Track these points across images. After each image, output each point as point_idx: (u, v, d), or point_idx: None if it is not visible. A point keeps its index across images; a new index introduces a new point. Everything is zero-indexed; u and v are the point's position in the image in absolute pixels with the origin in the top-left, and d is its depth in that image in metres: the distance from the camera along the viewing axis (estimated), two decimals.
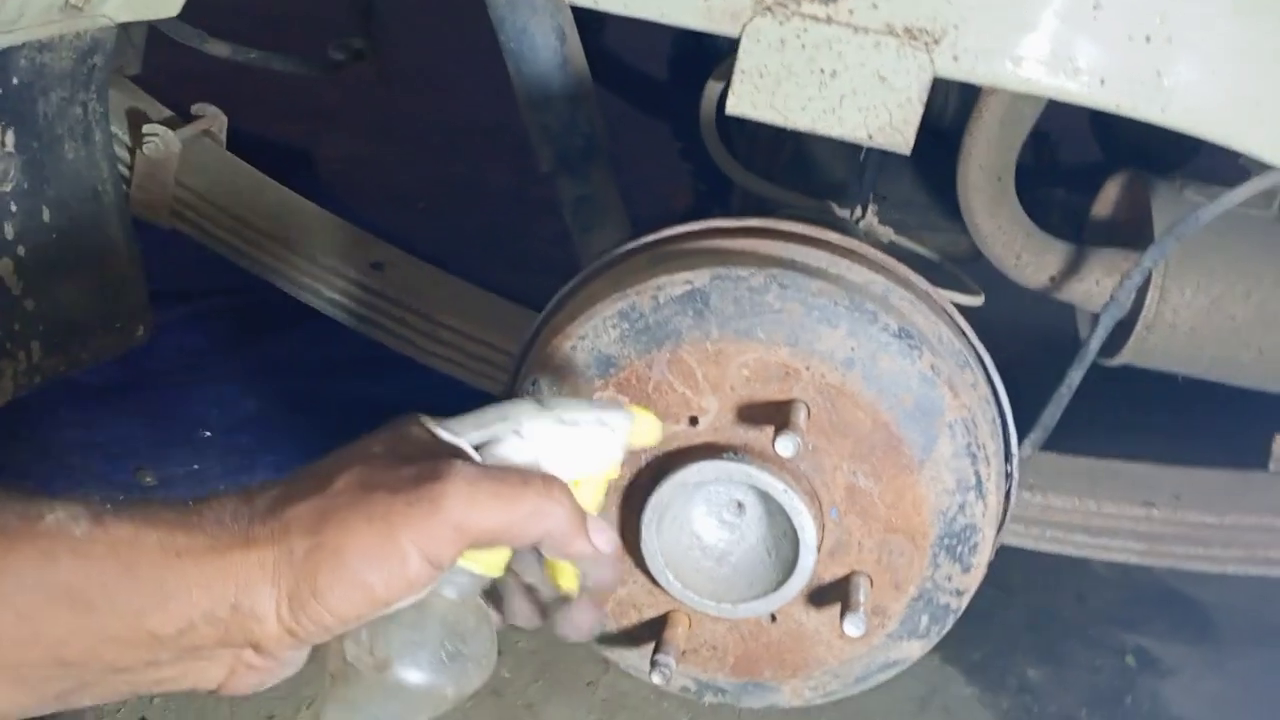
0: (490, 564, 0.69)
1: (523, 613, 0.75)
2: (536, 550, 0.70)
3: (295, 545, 0.62)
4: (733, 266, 0.95)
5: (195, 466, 1.94)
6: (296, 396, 2.10)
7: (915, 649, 1.03)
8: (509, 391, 1.08)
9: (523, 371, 1.05)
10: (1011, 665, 1.74)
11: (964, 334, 1.05)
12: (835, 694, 1.07)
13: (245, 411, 2.07)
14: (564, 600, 0.73)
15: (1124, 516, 1.31)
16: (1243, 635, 1.84)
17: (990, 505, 0.98)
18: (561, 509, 0.66)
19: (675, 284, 0.96)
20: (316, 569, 0.61)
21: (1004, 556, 1.33)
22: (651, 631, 1.05)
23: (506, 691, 1.57)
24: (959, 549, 0.98)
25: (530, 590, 0.75)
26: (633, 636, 1.07)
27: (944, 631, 1.03)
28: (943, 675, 1.69)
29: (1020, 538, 1.33)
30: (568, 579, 0.73)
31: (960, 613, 1.02)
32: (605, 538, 0.70)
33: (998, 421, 1.04)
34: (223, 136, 1.56)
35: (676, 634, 1.02)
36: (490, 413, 0.70)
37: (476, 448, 0.68)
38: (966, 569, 0.99)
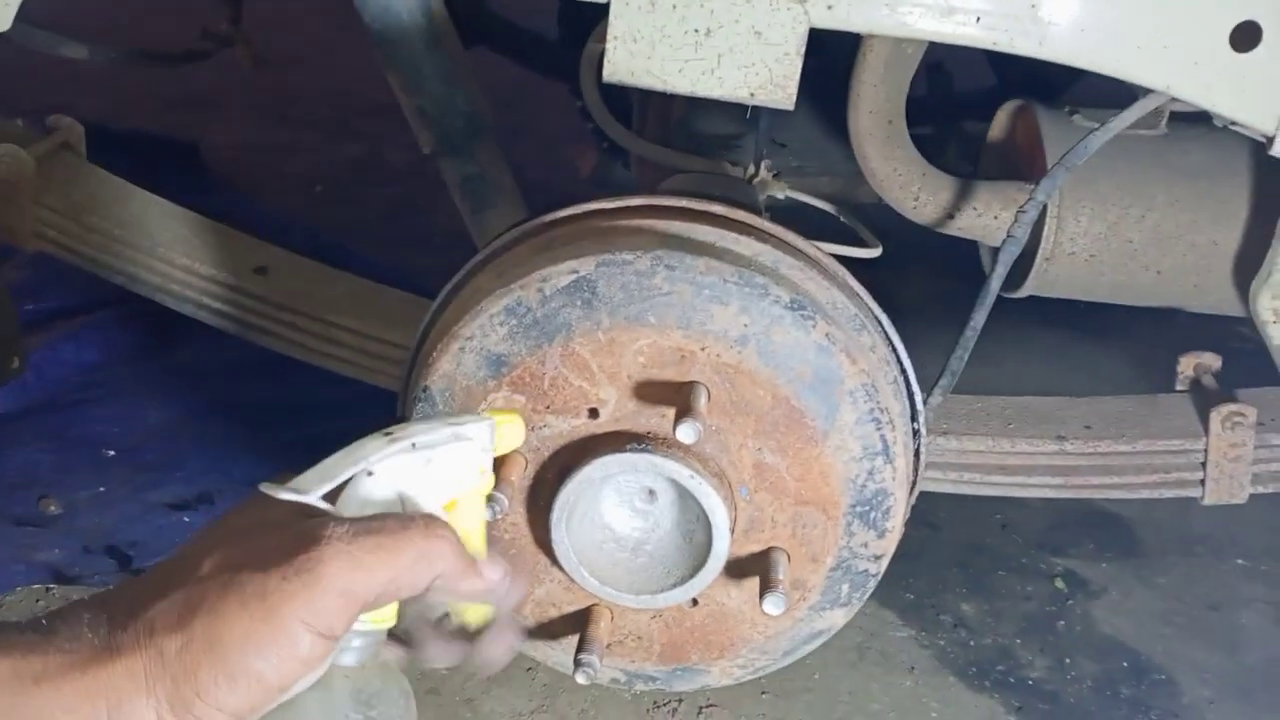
0: (383, 617, 0.65)
1: (438, 653, 0.71)
2: None
3: (165, 645, 0.57)
4: (618, 251, 0.92)
5: (101, 489, 1.87)
6: (201, 406, 2.03)
7: (839, 617, 1.03)
8: (403, 397, 1.04)
9: (413, 379, 1.01)
10: (944, 603, 1.75)
11: (859, 296, 1.03)
12: (765, 669, 1.06)
13: (149, 426, 2.00)
14: (474, 634, 0.70)
15: (1038, 453, 1.32)
16: (1167, 548, 1.88)
17: (899, 468, 0.97)
18: (447, 546, 0.63)
19: (560, 274, 0.92)
20: (195, 666, 0.57)
21: (925, 495, 1.33)
22: (574, 627, 1.03)
23: (444, 689, 1.54)
24: (872, 515, 0.97)
25: (438, 626, 0.71)
26: (556, 634, 1.05)
27: (866, 597, 1.02)
28: (878, 620, 1.70)
29: (939, 483, 1.34)
30: (474, 612, 0.70)
31: (880, 576, 1.02)
32: (494, 567, 0.67)
33: (900, 381, 1.03)
34: (81, 147, 1.47)
35: (599, 629, 1.00)
36: (335, 459, 0.65)
37: (331, 498, 0.64)
38: (881, 534, 0.98)
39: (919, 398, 1.04)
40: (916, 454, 1.05)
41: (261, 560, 0.59)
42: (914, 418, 1.04)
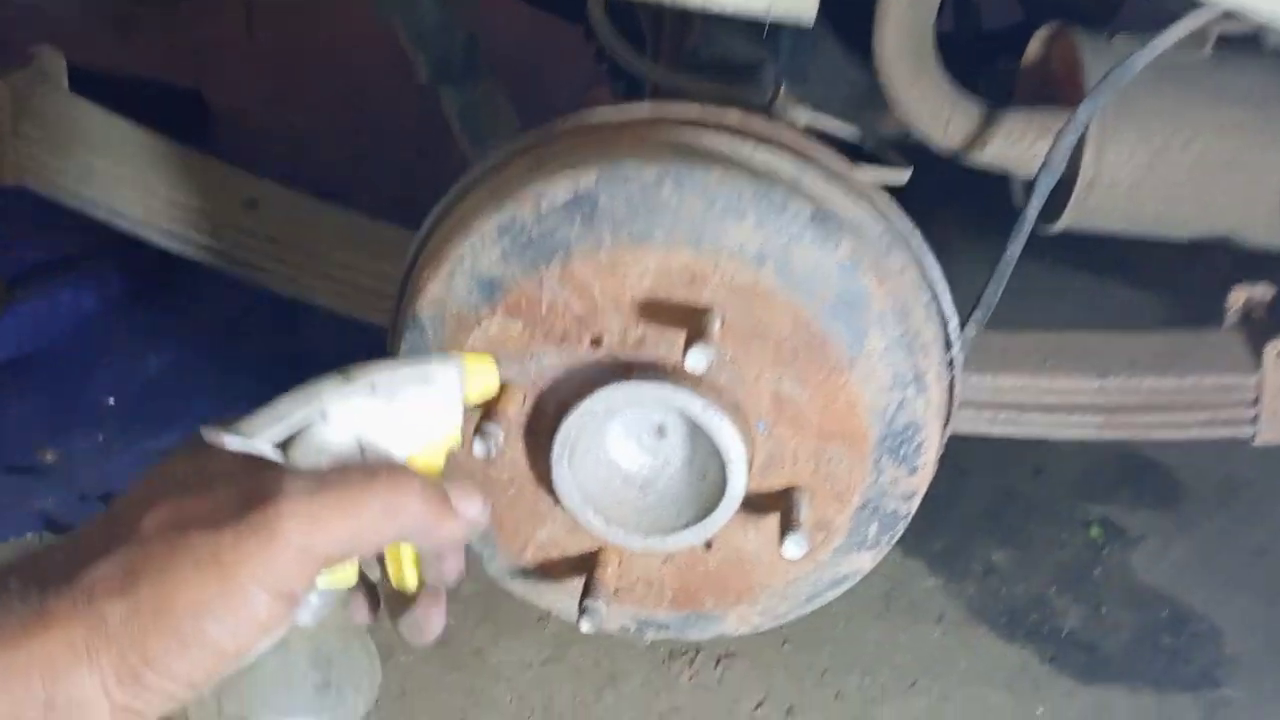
0: (344, 576, 0.59)
1: (358, 611, 0.64)
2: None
3: (107, 611, 0.51)
4: (621, 163, 0.84)
5: (99, 438, 1.81)
6: (204, 356, 1.97)
7: (866, 560, 0.95)
8: (393, 328, 0.97)
9: (403, 306, 0.93)
10: (974, 551, 1.68)
11: (887, 215, 0.95)
12: (785, 616, 0.99)
13: (149, 375, 1.94)
14: (406, 599, 0.63)
15: (1078, 390, 1.23)
16: (1208, 495, 1.79)
17: (933, 399, 0.89)
18: (415, 497, 0.56)
19: (558, 189, 0.84)
20: (143, 633, 0.51)
21: (956, 440, 1.25)
22: (580, 572, 0.96)
23: (453, 639, 1.49)
24: (903, 450, 0.89)
25: (369, 585, 0.65)
26: (559, 579, 0.98)
27: (895, 538, 0.94)
28: (904, 570, 1.63)
29: (973, 423, 1.25)
30: (407, 575, 0.62)
31: (910, 517, 0.94)
32: (473, 504, 0.59)
33: (933, 306, 0.94)
34: (62, 78, 1.40)
35: (606, 574, 0.93)
36: (285, 401, 0.58)
37: (284, 446, 0.57)
38: (913, 470, 0.90)
39: (954, 326, 0.96)
40: (950, 387, 0.97)
41: (211, 517, 0.53)
42: (948, 346, 0.96)
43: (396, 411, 0.59)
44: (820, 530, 0.92)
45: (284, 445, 0.57)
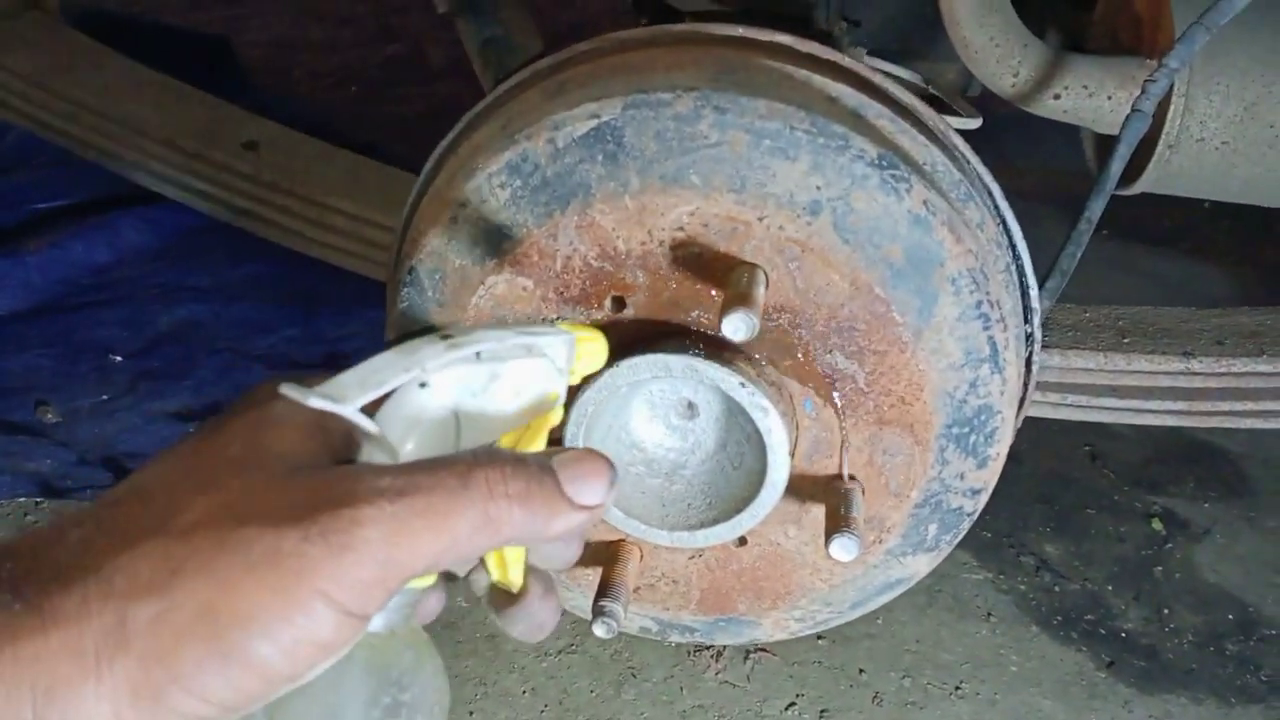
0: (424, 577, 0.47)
1: (428, 606, 0.52)
2: None
3: (131, 611, 0.40)
4: (652, 90, 0.69)
5: (104, 397, 1.70)
6: (215, 313, 1.85)
7: (922, 564, 0.82)
8: (391, 283, 0.84)
9: (400, 258, 0.80)
10: (1026, 543, 1.54)
11: (963, 160, 0.80)
12: (827, 623, 0.86)
13: (158, 331, 1.83)
14: (511, 595, 0.52)
15: (1159, 372, 1.08)
16: (1278, 487, 1.63)
17: (1009, 379, 0.74)
18: (519, 505, 0.45)
19: (577, 120, 0.70)
20: (175, 643, 0.40)
21: None
22: (595, 565, 0.82)
23: (462, 624, 1.37)
24: (972, 439, 0.75)
25: (467, 584, 0.53)
26: (575, 573, 0.85)
27: (956, 540, 0.81)
28: (950, 561, 1.46)
29: (1038, 405, 1.11)
30: (512, 569, 0.51)
31: (976, 516, 0.80)
32: (593, 489, 0.47)
33: (1013, 269, 0.80)
34: (52, 4, 1.27)
35: (625, 571, 0.80)
36: (381, 361, 0.47)
37: (370, 413, 0.46)
38: (983, 462, 0.76)
39: (1034, 292, 0.81)
40: (1028, 363, 0.82)
41: (273, 511, 0.42)
42: (1027, 317, 0.82)
43: (500, 385, 0.50)
44: (872, 529, 0.78)
45: (369, 410, 0.46)
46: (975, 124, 1.04)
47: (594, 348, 0.56)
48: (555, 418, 0.52)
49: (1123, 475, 1.66)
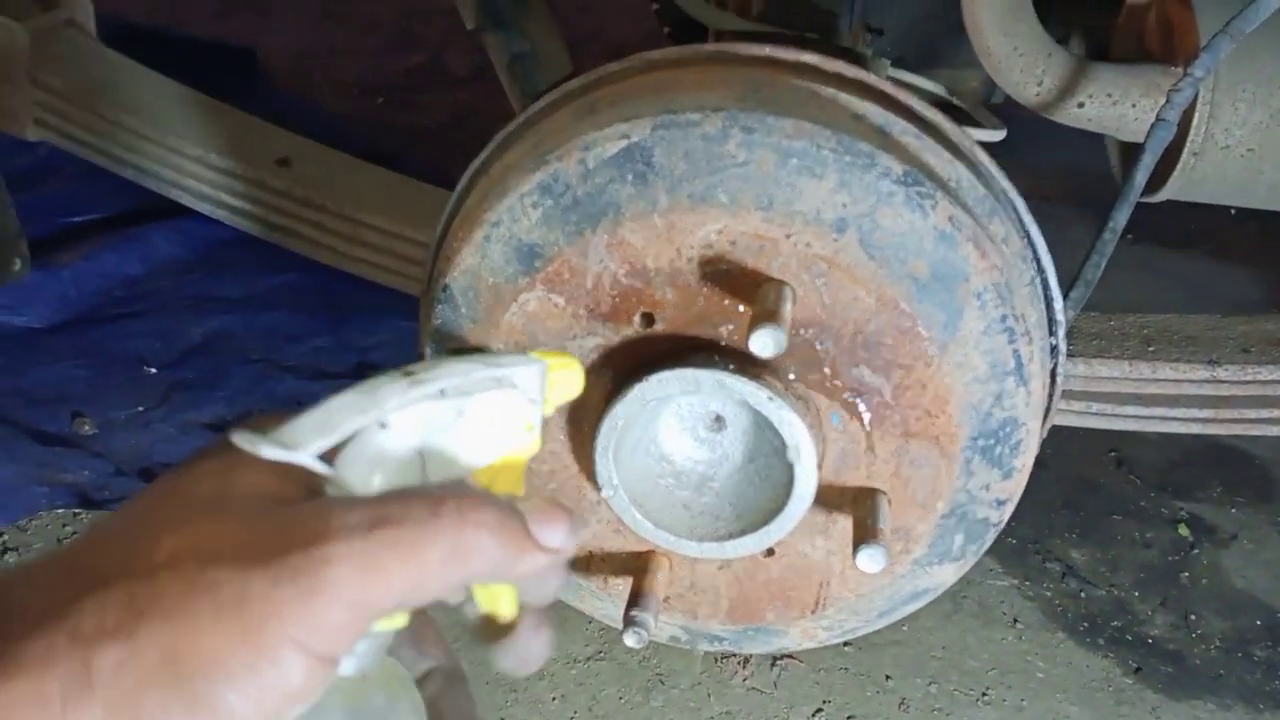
0: (395, 617, 0.47)
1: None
2: None
3: (97, 657, 0.40)
4: (681, 110, 0.71)
5: (139, 409, 1.73)
6: (248, 325, 1.88)
7: (949, 574, 0.83)
8: (425, 301, 0.86)
9: (434, 276, 0.82)
10: (1051, 549, 1.54)
11: (988, 175, 0.81)
12: (855, 632, 0.87)
13: (191, 343, 1.86)
14: (501, 627, 0.51)
15: (1185, 380, 1.08)
16: None
17: (1034, 392, 0.75)
18: (489, 534, 0.44)
19: (607, 141, 0.71)
20: (140, 689, 0.39)
21: None
22: (625, 575, 0.84)
23: None
24: (997, 450, 0.76)
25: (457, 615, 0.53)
26: (604, 583, 0.86)
27: (982, 551, 0.82)
28: (976, 567, 1.46)
29: (1063, 414, 1.11)
30: (503, 601, 0.50)
31: (1002, 526, 0.81)
32: (556, 532, 0.46)
33: (1037, 282, 0.81)
34: (90, 25, 1.29)
35: (655, 581, 0.81)
36: (338, 404, 0.46)
37: (328, 459, 0.46)
38: (1008, 474, 0.77)
39: (1059, 305, 0.82)
40: (1053, 375, 0.83)
41: (241, 551, 0.41)
42: (1051, 330, 0.82)
43: (468, 420, 0.48)
44: (899, 539, 0.79)
45: (329, 456, 0.45)
46: (999, 135, 1.05)
47: (568, 375, 0.54)
48: (531, 449, 0.51)
49: (1149, 481, 1.66)
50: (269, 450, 0.43)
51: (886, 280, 0.71)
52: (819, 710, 1.30)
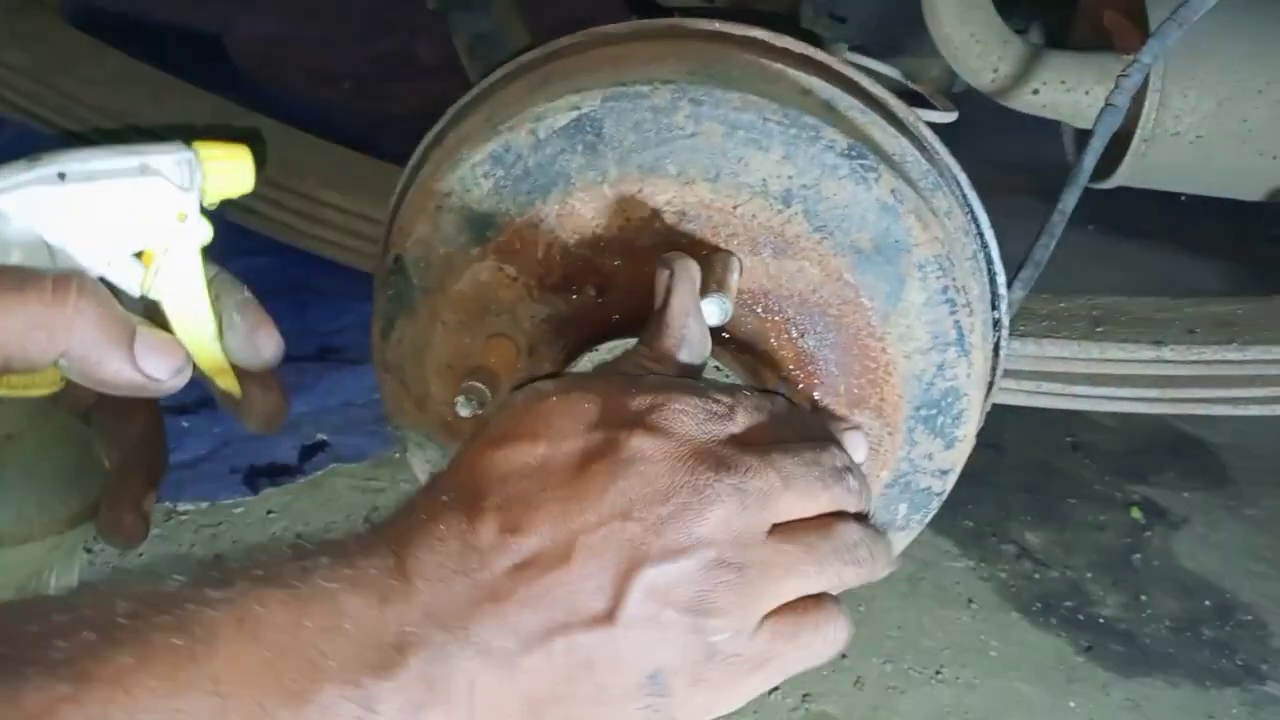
0: (32, 382, 0.50)
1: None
2: None
3: None
4: (630, 83, 0.72)
5: None
6: None
7: (894, 543, 0.84)
8: (377, 274, 0.87)
9: (388, 245, 0.83)
10: (1007, 531, 1.57)
11: (932, 150, 0.83)
12: None
13: None
14: (235, 397, 0.57)
15: (1132, 360, 1.11)
16: (1258, 476, 1.67)
17: (976, 363, 0.77)
18: (79, 318, 0.47)
19: (558, 111, 0.73)
20: None
21: (990, 411, 1.14)
22: None
23: None
24: (940, 420, 0.78)
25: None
26: None
27: (927, 520, 0.84)
28: (933, 549, 1.52)
29: (1013, 394, 1.14)
30: (219, 378, 0.55)
31: (945, 496, 0.83)
32: (162, 362, 0.50)
33: (980, 256, 0.83)
34: (54, 2, 1.30)
35: None
36: None
37: None
38: (950, 443, 0.79)
39: (1002, 280, 0.84)
40: (996, 348, 0.85)
41: None
42: (994, 304, 0.85)
43: (100, 207, 0.49)
44: None
45: None
46: (950, 118, 1.07)
47: (231, 165, 0.54)
48: (194, 238, 0.53)
49: (1105, 465, 1.69)
50: None
51: (831, 251, 0.72)
52: (776, 688, 1.31)
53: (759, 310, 0.75)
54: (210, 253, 0.57)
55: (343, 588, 0.45)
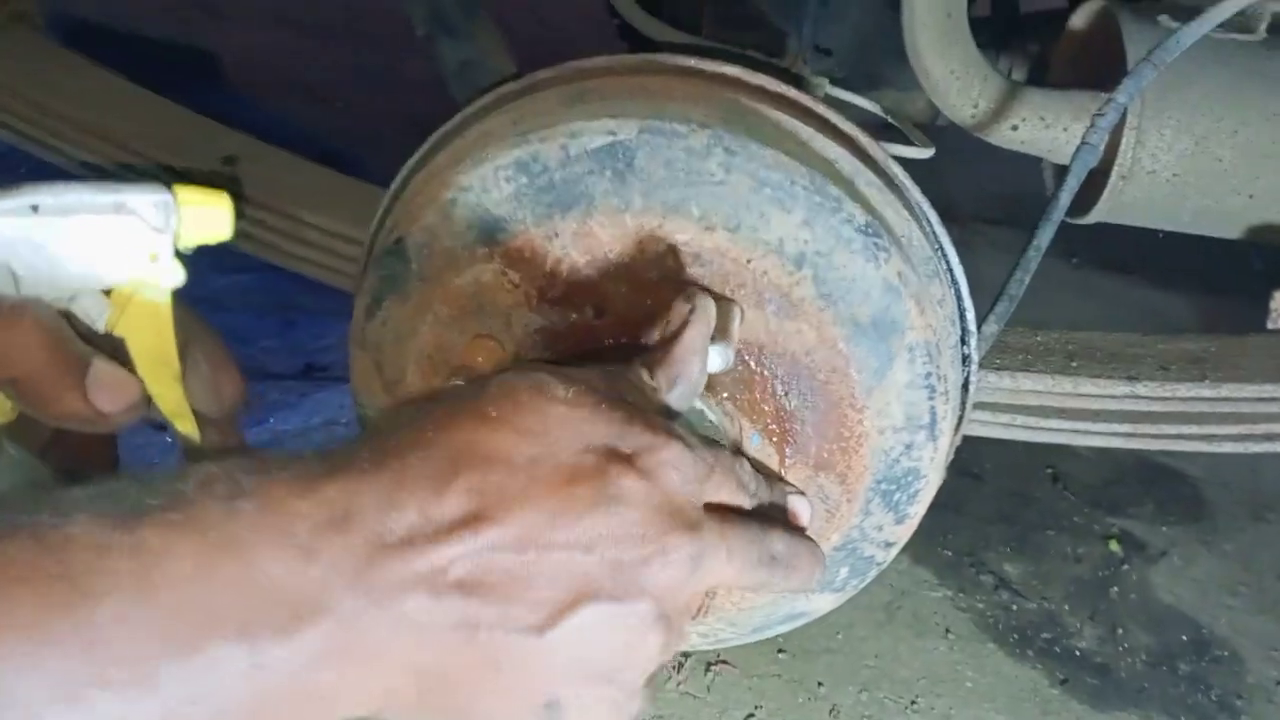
0: None
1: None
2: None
3: None
4: (669, 119, 0.75)
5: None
6: None
7: (826, 603, 0.88)
8: (369, 251, 0.88)
9: (386, 224, 0.84)
10: (985, 562, 1.59)
11: (933, 235, 0.86)
12: (726, 642, 0.91)
13: None
14: (197, 445, 0.57)
15: (1105, 395, 1.14)
16: (1235, 511, 1.70)
17: (940, 449, 0.81)
18: (27, 345, 0.48)
19: (594, 132, 0.75)
20: None
21: (969, 440, 1.16)
22: None
23: None
24: (896, 496, 0.81)
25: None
26: None
27: (861, 586, 0.86)
28: (911, 578, 1.54)
29: (988, 426, 1.16)
30: (180, 423, 0.55)
31: (885, 567, 0.85)
32: (115, 398, 0.51)
33: (958, 349, 0.86)
34: (38, 19, 1.31)
35: None
36: None
37: None
38: (901, 519, 0.82)
39: (970, 315, 0.87)
40: (964, 386, 0.88)
41: None
42: (964, 340, 0.87)
43: (71, 240, 0.50)
44: None
45: None
46: (926, 154, 1.10)
47: (207, 213, 0.55)
48: (165, 279, 0.53)
49: (1083, 497, 1.72)
50: None
51: (831, 320, 0.75)
52: (750, 715, 1.34)
53: (751, 362, 0.77)
54: (192, 276, 0.58)
55: (265, 540, 0.43)
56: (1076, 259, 2.26)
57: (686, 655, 1.37)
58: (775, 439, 0.80)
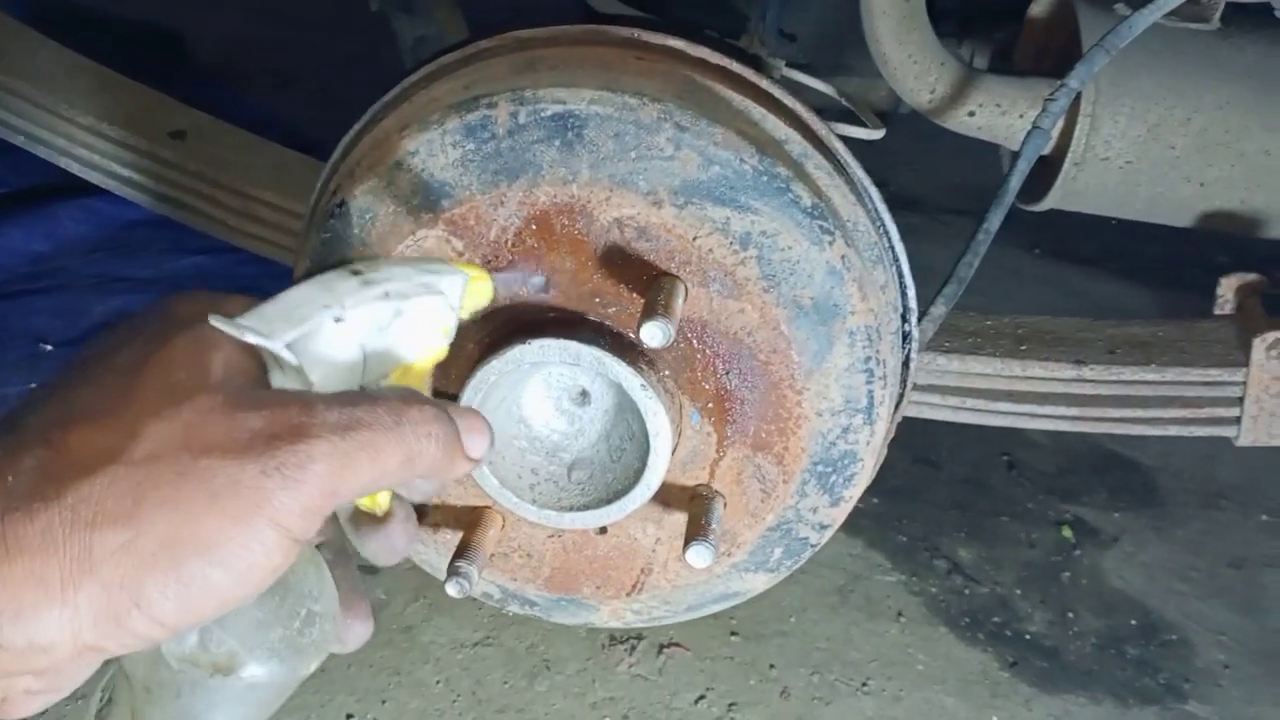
0: (375, 503, 0.54)
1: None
2: None
3: (97, 542, 0.43)
4: (621, 91, 0.73)
5: (32, 385, 1.70)
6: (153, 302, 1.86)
7: (760, 582, 0.87)
8: (312, 215, 0.86)
9: (329, 187, 0.82)
10: (939, 546, 1.58)
11: (879, 220, 0.84)
12: (660, 620, 0.90)
13: (92, 321, 1.83)
14: (374, 518, 0.56)
15: (1053, 378, 1.13)
16: (1187, 498, 1.70)
17: (877, 433, 0.79)
18: (436, 445, 0.50)
19: (544, 101, 0.73)
20: (139, 571, 0.43)
21: (926, 427, 1.15)
22: (458, 528, 0.85)
23: (382, 614, 1.39)
24: (832, 479, 0.80)
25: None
26: (434, 530, 0.87)
27: (795, 567, 0.85)
28: (865, 562, 1.53)
29: (937, 409, 1.15)
30: (381, 495, 0.55)
31: (819, 549, 0.84)
32: (482, 443, 0.53)
33: (899, 334, 0.84)
34: None
35: (486, 537, 0.83)
36: (298, 296, 0.51)
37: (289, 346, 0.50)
38: (836, 502, 0.81)
39: (912, 293, 0.85)
40: (905, 363, 0.86)
41: (232, 443, 0.46)
42: (905, 318, 0.86)
43: (403, 320, 0.53)
44: (725, 542, 0.83)
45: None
46: (877, 135, 1.08)
47: (482, 287, 0.59)
48: (442, 353, 0.56)
49: (1038, 484, 1.71)
50: (251, 336, 0.48)
51: (774, 301, 0.74)
52: (701, 697, 1.32)
53: (694, 340, 0.76)
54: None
55: None
56: (1039, 250, 2.25)
57: (639, 638, 1.36)
58: (715, 418, 0.78)
